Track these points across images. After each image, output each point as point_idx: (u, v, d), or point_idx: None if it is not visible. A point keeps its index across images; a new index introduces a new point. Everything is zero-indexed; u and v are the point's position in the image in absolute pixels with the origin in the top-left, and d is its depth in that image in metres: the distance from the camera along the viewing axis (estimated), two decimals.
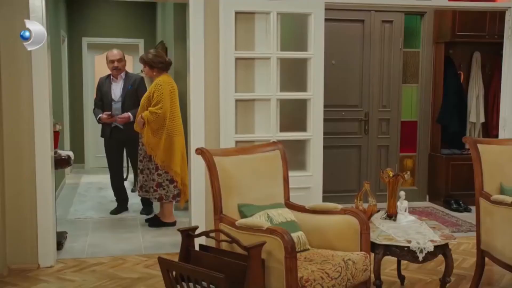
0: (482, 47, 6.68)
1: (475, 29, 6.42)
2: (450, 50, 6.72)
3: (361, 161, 6.68)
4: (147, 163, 5.47)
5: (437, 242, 3.28)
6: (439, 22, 6.64)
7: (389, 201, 3.72)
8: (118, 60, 5.95)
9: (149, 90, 5.39)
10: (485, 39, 6.44)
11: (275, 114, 4.48)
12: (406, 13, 6.63)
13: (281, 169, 3.57)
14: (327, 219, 3.35)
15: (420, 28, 6.80)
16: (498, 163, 3.91)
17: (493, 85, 6.70)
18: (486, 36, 6.43)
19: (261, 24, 4.45)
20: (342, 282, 2.94)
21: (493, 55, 6.57)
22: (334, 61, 6.30)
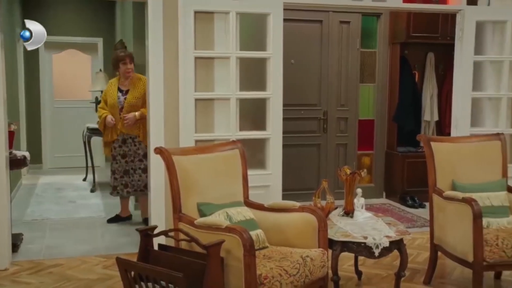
0: (435, 47, 6.84)
1: (429, 30, 6.57)
2: (405, 50, 6.85)
3: (320, 159, 6.75)
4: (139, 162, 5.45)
5: (392, 237, 3.34)
6: (395, 23, 6.77)
7: (346, 198, 3.78)
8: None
9: (141, 89, 5.38)
10: (438, 40, 6.61)
11: (235, 113, 4.48)
12: (363, 14, 6.73)
13: (240, 167, 3.57)
14: (285, 217, 3.37)
15: (376, 29, 6.92)
16: (451, 161, 4.01)
17: (446, 84, 6.87)
18: (439, 37, 6.60)
19: (220, 23, 4.44)
20: (301, 279, 2.97)
21: (446, 56, 6.74)
22: (293, 60, 6.35)
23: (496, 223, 3.73)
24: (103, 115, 5.49)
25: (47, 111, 9.39)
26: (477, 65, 5.03)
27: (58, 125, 9.40)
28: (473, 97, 5.01)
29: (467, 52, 4.92)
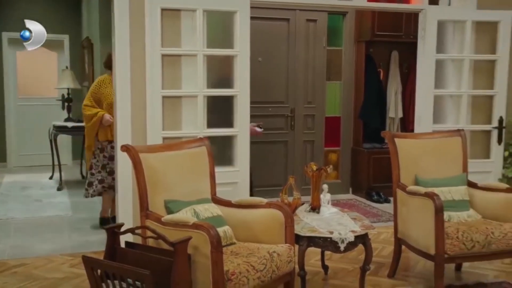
0: (399, 46, 6.96)
1: (393, 29, 6.68)
2: (371, 48, 6.95)
3: (288, 156, 6.80)
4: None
5: (357, 232, 3.39)
6: (360, 22, 6.86)
7: (312, 194, 3.82)
8: None
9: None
10: (402, 38, 6.72)
11: (202, 110, 4.47)
12: (329, 13, 6.80)
13: (207, 164, 3.58)
14: (253, 213, 3.39)
15: (342, 27, 6.99)
16: (414, 156, 4.09)
17: (409, 82, 6.99)
18: (402, 36, 6.72)
19: (187, 21, 4.42)
20: (268, 274, 2.99)
21: (409, 54, 6.83)
22: (260, 58, 6.36)
23: (457, 217, 3.83)
24: (98, 113, 5.22)
25: (11, 108, 9.20)
26: (439, 64, 5.13)
27: (23, 123, 9.21)
28: (435, 95, 5.11)
29: (429, 51, 5.02)
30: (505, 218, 3.78)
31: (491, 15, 5.09)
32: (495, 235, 3.60)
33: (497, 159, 5.28)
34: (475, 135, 5.28)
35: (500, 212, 3.84)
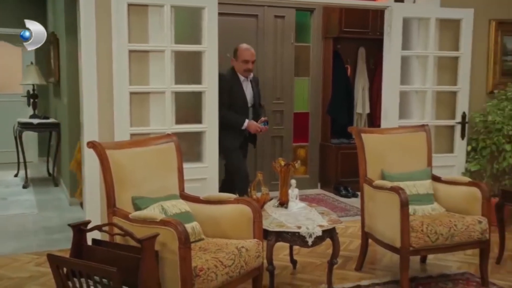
0: (366, 42, 7.03)
1: (360, 26, 6.75)
2: (338, 45, 7.00)
3: (257, 151, 6.78)
4: None
5: (324, 226, 3.42)
6: (328, 18, 6.90)
7: (281, 190, 3.83)
8: (253, 61, 5.13)
9: None
10: (369, 35, 6.80)
11: (170, 106, 4.45)
12: (297, 9, 6.83)
13: (175, 160, 3.56)
14: (221, 209, 3.39)
15: (310, 23, 7.03)
16: (380, 151, 4.15)
17: (376, 78, 7.08)
18: (369, 33, 6.79)
19: (155, 16, 4.38)
20: (236, 269, 2.99)
21: (376, 51, 6.93)
22: (229, 54, 6.32)
23: (421, 210, 3.90)
24: None
25: None
26: (405, 60, 5.21)
27: None
28: (401, 90, 5.19)
29: (395, 47, 5.09)
30: (468, 210, 3.87)
31: (454, 13, 5.20)
32: (458, 227, 3.68)
33: (460, 153, 5.39)
34: (439, 130, 5.39)
35: (462, 205, 3.92)
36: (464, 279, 3.95)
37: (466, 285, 3.85)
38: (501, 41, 5.58)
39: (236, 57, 5.08)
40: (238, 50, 5.08)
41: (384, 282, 3.87)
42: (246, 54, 5.05)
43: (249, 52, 5.07)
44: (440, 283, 3.87)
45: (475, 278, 3.95)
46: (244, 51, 5.06)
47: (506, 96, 5.26)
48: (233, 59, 5.11)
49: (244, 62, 5.03)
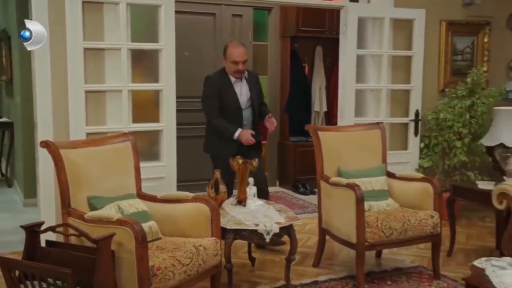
0: (323, 41, 7.10)
1: (317, 25, 6.82)
2: (296, 44, 7.06)
3: None
4: None
5: (282, 223, 3.44)
6: (285, 17, 6.95)
7: (239, 188, 3.84)
8: (244, 61, 4.42)
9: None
10: (326, 34, 6.88)
11: (127, 105, 4.39)
12: (255, 8, 6.84)
13: (132, 159, 3.51)
14: (179, 207, 3.37)
15: (268, 22, 7.06)
16: (336, 148, 4.20)
17: (333, 77, 7.16)
18: (326, 32, 6.87)
19: (110, 14, 4.32)
20: (194, 268, 2.98)
21: (333, 49, 6.98)
22: (187, 52, 6.31)
23: (376, 206, 3.97)
24: None
25: None
26: (360, 59, 5.30)
27: None
28: (357, 89, 5.28)
29: (351, 46, 5.17)
30: (420, 206, 3.96)
31: (407, 13, 5.31)
32: (411, 222, 3.76)
33: (414, 150, 5.53)
34: (394, 127, 5.50)
35: (416, 201, 4.01)
36: (417, 272, 4.04)
37: (419, 278, 3.94)
38: (452, 41, 5.74)
39: (225, 57, 4.43)
40: (227, 49, 4.42)
41: (340, 277, 3.92)
42: (235, 53, 4.35)
43: (238, 51, 4.36)
44: (394, 277, 3.96)
45: (427, 271, 4.05)
46: (233, 50, 4.37)
47: (456, 95, 5.42)
48: (223, 59, 4.48)
49: (233, 63, 4.35)
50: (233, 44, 4.48)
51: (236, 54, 4.36)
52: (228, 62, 4.40)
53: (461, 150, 5.31)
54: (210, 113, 4.49)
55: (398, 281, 3.88)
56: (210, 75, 4.56)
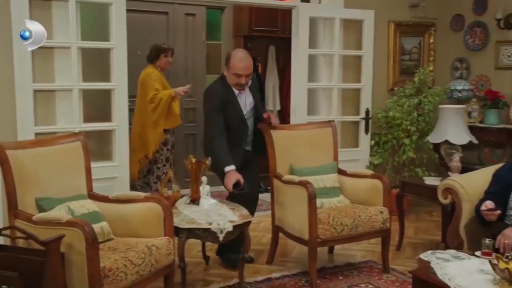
0: (276, 41, 7.14)
1: (270, 24, 6.85)
2: (249, 43, 7.06)
3: None
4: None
5: (235, 222, 3.44)
6: (238, 17, 6.95)
7: (192, 187, 3.81)
8: (248, 75, 3.95)
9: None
10: (278, 34, 6.92)
11: (78, 104, 4.30)
12: (208, 7, 6.82)
13: (82, 160, 3.44)
14: (131, 207, 3.33)
15: (221, 22, 7.05)
16: (289, 147, 4.23)
17: (286, 76, 7.19)
18: (279, 32, 6.91)
19: (59, 12, 4.21)
20: (146, 268, 2.95)
21: (285, 49, 7.05)
22: (140, 51, 6.21)
23: (328, 203, 4.02)
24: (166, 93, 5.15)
25: None
26: (312, 58, 5.36)
27: None
28: (309, 88, 5.34)
29: (303, 46, 5.22)
30: (371, 202, 4.04)
31: (356, 14, 5.41)
32: (361, 218, 3.84)
33: (364, 147, 5.63)
34: (345, 125, 5.60)
35: (366, 197, 4.09)
36: (368, 267, 4.13)
37: (369, 272, 4.03)
38: (399, 41, 5.89)
39: (227, 66, 3.94)
40: (231, 59, 3.91)
41: (293, 274, 3.96)
42: (239, 66, 3.87)
43: (244, 66, 3.88)
44: (346, 272, 4.03)
45: (377, 265, 4.14)
46: (237, 63, 3.87)
47: (404, 93, 5.55)
48: (224, 68, 4.01)
49: (235, 75, 3.89)
50: (238, 55, 3.93)
51: (240, 67, 3.87)
52: (230, 73, 3.92)
53: (410, 147, 5.45)
54: (213, 130, 3.94)
55: (349, 276, 3.95)
56: (212, 88, 4.05)
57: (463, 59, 6.01)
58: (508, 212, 3.37)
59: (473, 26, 5.86)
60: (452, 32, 6.08)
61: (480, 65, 5.85)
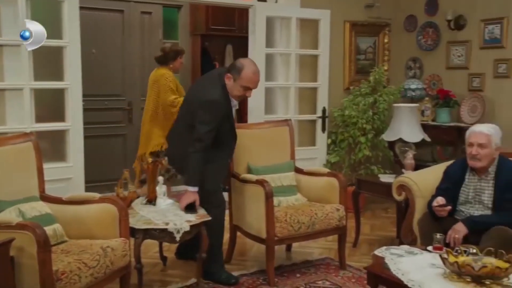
0: (233, 40, 7.15)
1: (227, 23, 6.86)
2: (206, 42, 7.05)
3: (127, 149, 6.62)
4: None
5: (192, 222, 3.42)
6: (195, 15, 6.93)
7: (149, 187, 3.78)
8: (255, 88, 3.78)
9: None
10: (235, 33, 6.93)
11: (29, 104, 4.18)
12: (164, 6, 6.75)
13: (34, 161, 3.35)
14: (85, 209, 3.26)
15: (177, 20, 6.99)
16: (247, 145, 4.22)
17: None
18: (236, 30, 6.92)
19: (8, 9, 4.09)
20: (101, 270, 2.90)
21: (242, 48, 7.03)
22: (94, 50, 6.11)
23: (286, 201, 4.05)
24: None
25: None
26: (269, 57, 5.38)
27: None
28: (266, 87, 5.35)
29: (260, 45, 5.23)
30: (327, 200, 4.08)
31: (313, 13, 5.46)
32: (318, 216, 3.88)
33: (321, 146, 5.69)
34: (302, 124, 5.64)
35: (322, 195, 4.13)
36: (325, 264, 4.17)
37: (326, 269, 4.07)
38: (355, 41, 5.98)
39: (235, 76, 3.63)
40: (243, 71, 3.62)
41: (251, 273, 3.97)
42: (254, 80, 3.66)
43: (257, 79, 3.71)
44: (303, 269, 4.06)
45: (334, 262, 4.19)
46: (251, 76, 3.64)
47: (360, 92, 5.64)
48: (229, 77, 3.65)
49: (244, 88, 3.66)
50: (253, 67, 3.68)
51: (255, 81, 3.67)
52: (237, 83, 3.63)
53: (365, 145, 5.54)
54: (204, 146, 3.59)
55: (307, 273, 3.98)
56: (219, 98, 3.64)
57: (416, 59, 6.15)
58: (458, 207, 3.48)
59: (425, 26, 6.01)
60: (405, 32, 6.21)
61: (432, 65, 6.00)
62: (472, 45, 5.57)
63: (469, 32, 5.59)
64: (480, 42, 5.49)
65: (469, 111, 5.50)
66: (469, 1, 5.56)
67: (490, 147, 3.39)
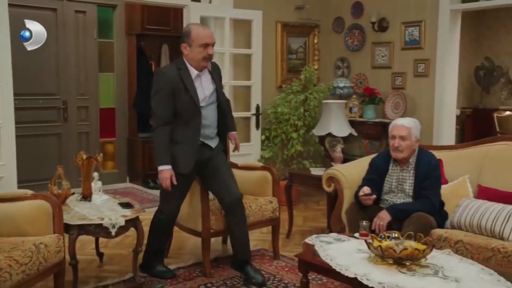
0: (169, 40, 7.07)
1: (162, 23, 6.77)
2: (142, 41, 6.93)
3: (62, 148, 6.42)
4: None
5: (128, 216, 3.37)
6: (130, 15, 6.79)
7: (84, 183, 3.69)
8: (213, 45, 3.49)
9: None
10: (171, 32, 6.84)
11: None
12: (99, 5, 6.58)
13: None
14: (17, 206, 3.14)
15: (113, 20, 6.83)
16: None
17: None
18: (171, 30, 6.84)
19: None
20: (34, 267, 2.80)
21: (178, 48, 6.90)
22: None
23: None
24: None
25: None
26: None
27: None
28: None
29: None
30: (261, 192, 4.12)
31: (245, 14, 5.50)
32: (252, 208, 3.91)
33: (256, 142, 5.74)
34: (237, 121, 5.53)
35: (256, 188, 4.17)
36: (259, 255, 4.20)
37: (261, 259, 4.10)
38: (287, 41, 6.07)
39: (188, 42, 3.41)
40: (191, 32, 3.41)
41: (188, 265, 3.95)
42: (205, 34, 3.43)
43: (208, 32, 3.49)
44: None
45: (268, 253, 4.23)
46: (201, 32, 3.42)
47: (292, 90, 5.73)
48: (184, 46, 3.44)
49: (203, 46, 3.38)
50: (197, 25, 3.60)
51: (206, 35, 3.42)
52: (194, 47, 3.38)
53: (297, 141, 5.64)
54: (156, 119, 3.45)
55: None
56: (164, 69, 3.46)
57: (344, 59, 6.32)
58: (383, 196, 3.60)
59: (352, 28, 6.18)
60: (334, 33, 6.37)
61: (359, 64, 6.18)
62: (395, 46, 5.79)
63: (391, 34, 5.81)
64: (401, 43, 5.72)
65: (392, 107, 5.71)
66: (391, 4, 5.77)
67: (410, 139, 3.53)
